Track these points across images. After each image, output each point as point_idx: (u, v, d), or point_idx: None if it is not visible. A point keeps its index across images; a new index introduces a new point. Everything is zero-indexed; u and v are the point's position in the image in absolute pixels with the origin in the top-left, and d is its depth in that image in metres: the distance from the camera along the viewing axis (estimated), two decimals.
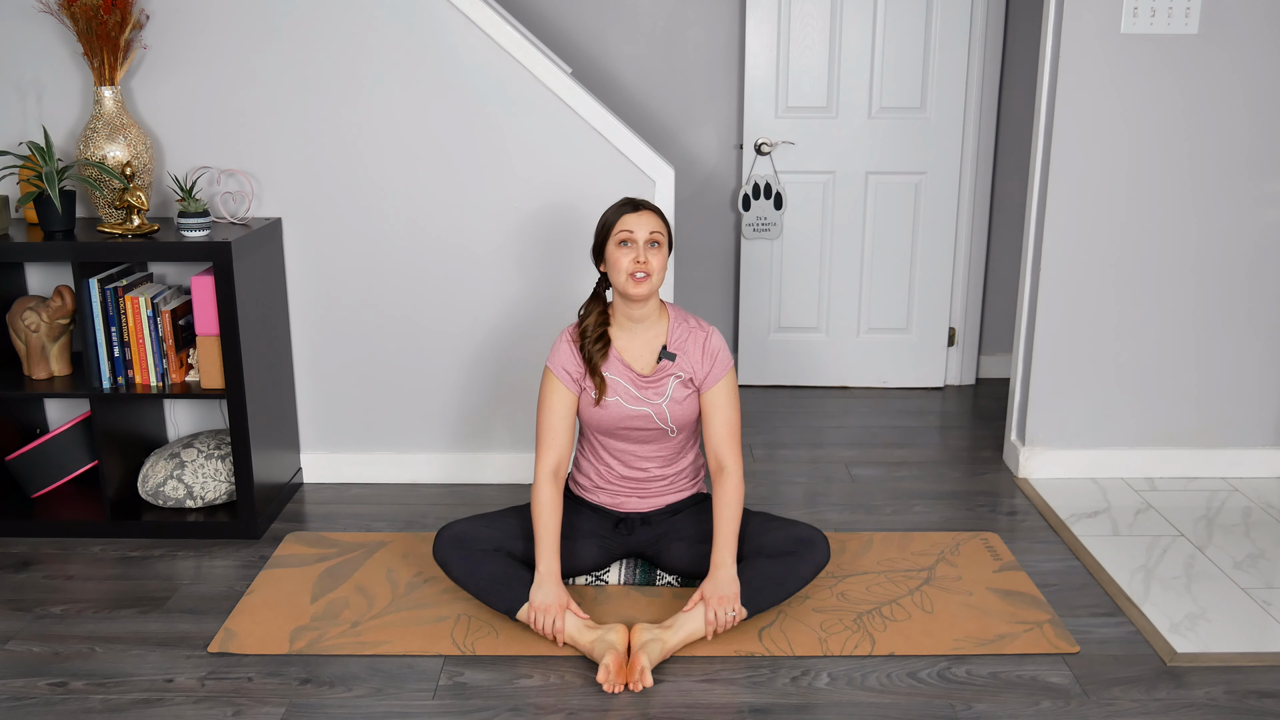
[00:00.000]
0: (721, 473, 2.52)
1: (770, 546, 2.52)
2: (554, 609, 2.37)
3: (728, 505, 2.48)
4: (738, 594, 2.39)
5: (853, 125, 4.05)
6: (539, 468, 2.52)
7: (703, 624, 2.37)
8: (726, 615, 2.36)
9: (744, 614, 2.40)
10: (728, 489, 2.50)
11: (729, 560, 2.43)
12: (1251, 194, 3.19)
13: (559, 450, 2.53)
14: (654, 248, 2.45)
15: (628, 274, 2.44)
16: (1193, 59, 3.09)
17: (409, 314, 3.20)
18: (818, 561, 2.52)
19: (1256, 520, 3.07)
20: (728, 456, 2.53)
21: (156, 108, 3.04)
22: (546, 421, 2.54)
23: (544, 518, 2.46)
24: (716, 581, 2.40)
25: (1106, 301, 3.27)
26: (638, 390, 2.54)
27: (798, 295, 4.22)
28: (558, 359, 2.55)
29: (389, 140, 3.07)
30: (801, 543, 2.52)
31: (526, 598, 2.41)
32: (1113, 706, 2.21)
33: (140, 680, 2.29)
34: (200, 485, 3.01)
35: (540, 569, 2.43)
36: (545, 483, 2.49)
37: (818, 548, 2.53)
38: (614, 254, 2.46)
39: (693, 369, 2.54)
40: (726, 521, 2.46)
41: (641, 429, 2.56)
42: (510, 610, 2.43)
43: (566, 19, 4.03)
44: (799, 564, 2.49)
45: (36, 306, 2.92)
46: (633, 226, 2.44)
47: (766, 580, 2.45)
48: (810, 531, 2.56)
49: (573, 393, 2.54)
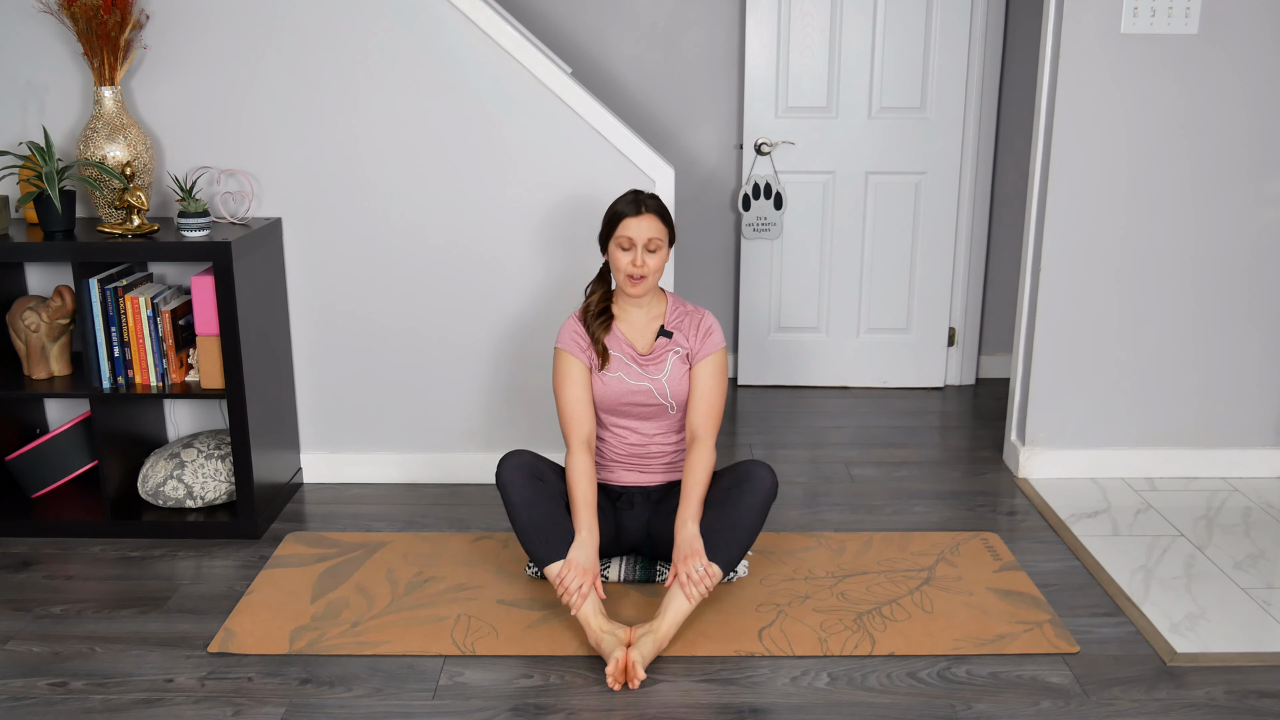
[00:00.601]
0: (695, 442, 2.57)
1: (716, 494, 2.53)
2: (589, 573, 2.39)
3: (693, 469, 2.51)
4: (701, 550, 2.40)
5: (853, 125, 4.05)
6: (571, 441, 2.57)
7: (684, 599, 2.37)
8: (697, 572, 2.37)
9: (717, 570, 2.40)
10: (697, 455, 2.54)
11: (690, 522, 2.45)
12: (1251, 194, 3.19)
13: (586, 423, 2.59)
14: (652, 252, 2.53)
15: (625, 274, 2.55)
16: (1193, 59, 3.08)
17: (409, 314, 3.20)
18: (761, 489, 2.50)
19: (1256, 520, 3.07)
20: (702, 429, 2.58)
21: (156, 108, 3.04)
22: (568, 395, 2.59)
23: (582, 485, 2.50)
24: (679, 544, 2.43)
25: (1106, 301, 3.27)
26: (639, 367, 2.61)
27: (798, 295, 4.22)
28: (565, 335, 2.63)
29: (389, 140, 3.07)
30: (741, 478, 2.53)
31: (564, 555, 2.41)
32: (1113, 706, 2.21)
33: (140, 680, 2.29)
34: (200, 485, 3.01)
35: (581, 534, 2.45)
36: (579, 452, 2.54)
37: (757, 476, 2.52)
38: (614, 253, 2.56)
39: (688, 344, 2.63)
40: (692, 486, 2.50)
41: (643, 404, 2.62)
42: (545, 559, 2.43)
43: (566, 19, 4.03)
44: (742, 497, 2.49)
45: (36, 306, 2.92)
46: (632, 234, 2.52)
47: (719, 526, 2.45)
48: (748, 465, 2.57)
49: (584, 363, 2.60)
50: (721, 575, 2.42)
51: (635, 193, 2.58)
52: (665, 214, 2.57)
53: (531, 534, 2.45)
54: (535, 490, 2.49)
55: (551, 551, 2.43)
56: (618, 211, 2.55)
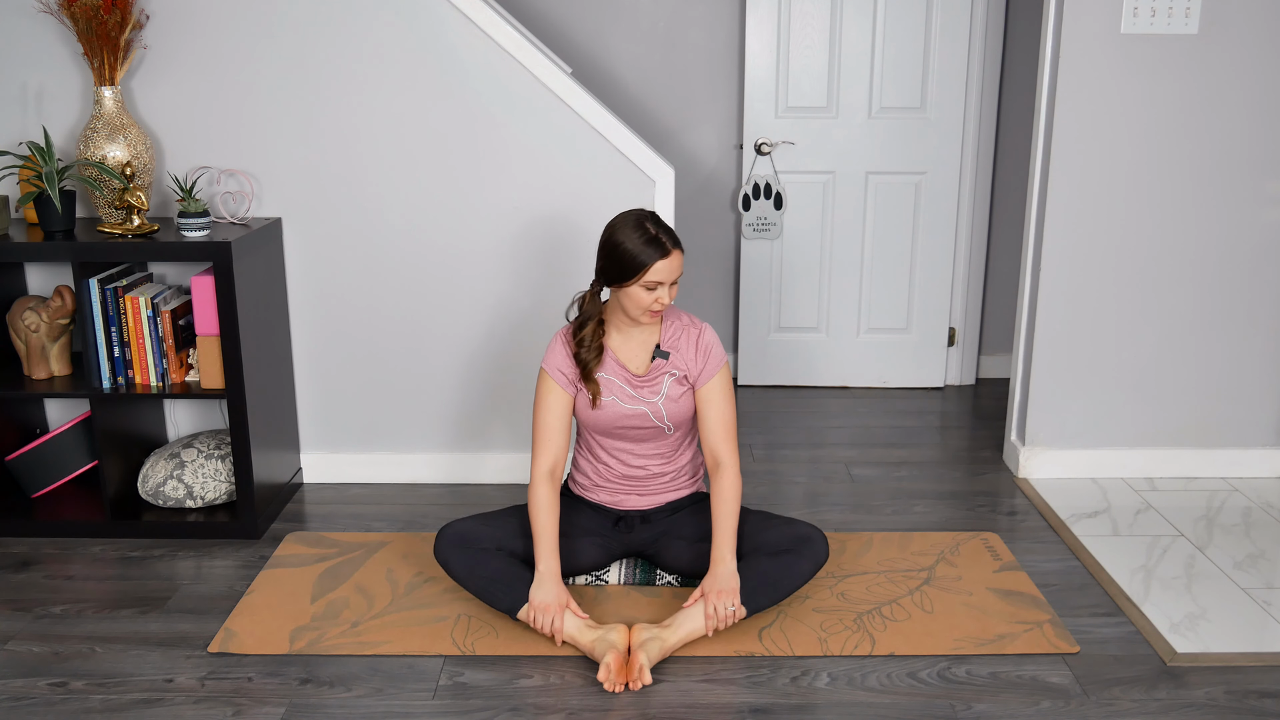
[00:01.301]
0: (718, 468, 2.52)
1: (769, 545, 2.52)
2: (553, 608, 2.37)
3: (725, 500, 2.48)
4: (737, 589, 2.39)
5: (853, 125, 4.05)
6: (535, 468, 2.52)
7: (702, 621, 2.37)
8: (726, 610, 2.36)
9: (743, 611, 2.40)
10: (725, 484, 2.50)
11: (728, 555, 2.43)
12: (1251, 194, 3.19)
13: (555, 451, 2.53)
14: (673, 286, 2.44)
15: (645, 309, 2.44)
16: (1193, 59, 3.09)
17: (409, 314, 3.20)
18: (817, 559, 2.52)
19: (1256, 520, 3.07)
20: (723, 452, 2.53)
21: (156, 108, 3.04)
22: (543, 421, 2.54)
23: (542, 517, 2.47)
24: (716, 576, 2.40)
25: (1106, 301, 3.27)
26: (633, 389, 2.54)
27: (798, 295, 4.22)
28: (553, 361, 2.55)
29: (389, 140, 3.07)
30: (800, 540, 2.52)
31: (527, 597, 2.41)
32: (1113, 706, 2.21)
33: (140, 680, 2.29)
34: (200, 485, 3.01)
35: (540, 568, 2.43)
36: (542, 483, 2.49)
37: (816, 546, 2.53)
38: (636, 292, 2.42)
39: (686, 366, 2.55)
40: (725, 517, 2.46)
41: (638, 428, 2.57)
42: (511, 610, 2.43)
43: (566, 19, 4.03)
44: (798, 562, 2.49)
45: (36, 306, 2.92)
46: (663, 277, 2.39)
47: (765, 578, 2.45)
48: (809, 529, 2.56)
49: (568, 394, 2.55)
50: (745, 618, 2.43)
51: (643, 224, 2.40)
52: (677, 238, 2.46)
53: (488, 594, 2.46)
54: (471, 557, 2.49)
55: (514, 599, 2.42)
56: (642, 253, 2.36)
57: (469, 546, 2.51)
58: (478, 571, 2.47)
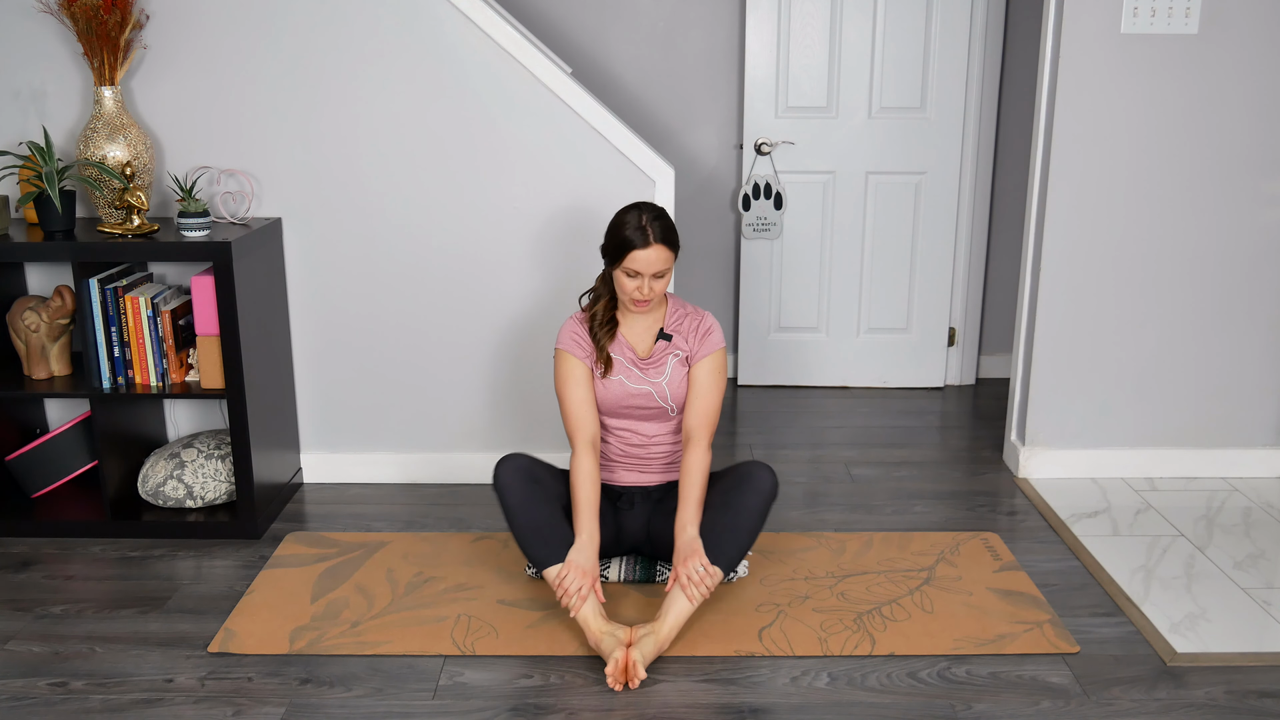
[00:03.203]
0: (690, 443, 2.56)
1: (715, 496, 2.53)
2: (589, 575, 2.38)
3: (690, 471, 2.51)
4: (701, 550, 2.40)
5: (853, 125, 4.05)
6: (576, 442, 2.56)
7: (685, 600, 2.37)
8: (696, 572, 2.36)
9: (717, 571, 2.40)
10: (693, 458, 2.53)
11: (689, 525, 2.45)
12: (1251, 194, 3.19)
13: (591, 423, 2.58)
14: (658, 278, 2.51)
15: (630, 297, 2.53)
16: (1193, 59, 3.08)
17: (409, 314, 3.20)
18: (761, 491, 2.50)
19: (1256, 520, 3.07)
20: (698, 429, 2.57)
21: (156, 108, 3.04)
22: (572, 396, 2.58)
23: (585, 487, 2.49)
24: (679, 548, 2.43)
25: (1106, 301, 3.27)
26: (639, 370, 2.61)
27: (798, 295, 4.22)
28: (566, 337, 2.61)
29: (389, 140, 3.07)
30: (742, 479, 2.53)
31: (563, 557, 2.41)
32: (1113, 706, 2.21)
33: (140, 680, 2.29)
34: (200, 485, 3.01)
35: (581, 537, 2.44)
36: (584, 453, 2.54)
37: (757, 477, 2.52)
38: (620, 276, 2.52)
39: (687, 346, 2.62)
40: (689, 488, 2.49)
41: (643, 407, 2.61)
42: (544, 562, 2.43)
43: (566, 19, 4.03)
44: (743, 498, 2.49)
45: (36, 306, 2.92)
46: (640, 267, 2.48)
47: (720, 527, 2.45)
48: (748, 465, 2.57)
49: (587, 365, 2.60)
50: (722, 576, 2.42)
51: (640, 214, 2.49)
52: (672, 237, 2.50)
53: (529, 537, 2.46)
54: (532, 493, 2.49)
55: (550, 554, 2.43)
56: (626, 239, 2.46)
57: (534, 480, 2.52)
58: (532, 509, 2.47)
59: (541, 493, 2.51)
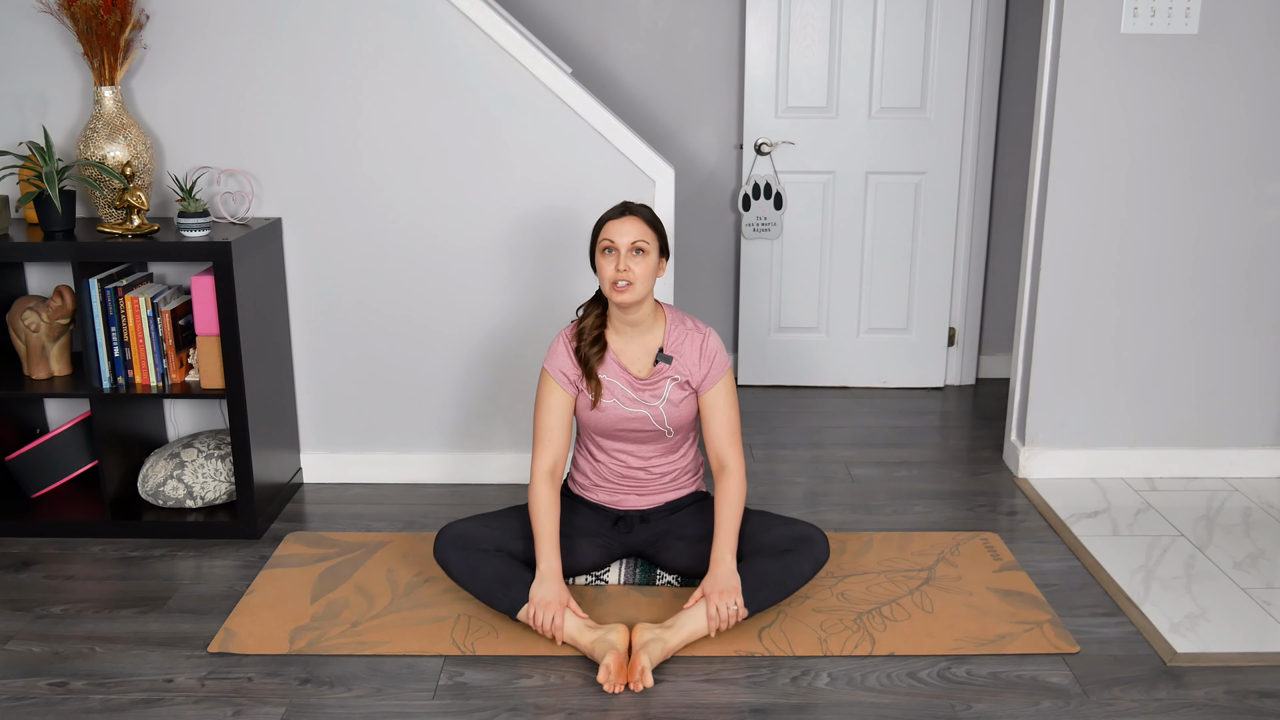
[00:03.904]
0: (723, 471, 2.53)
1: (769, 545, 2.52)
2: (554, 605, 2.36)
3: (729, 502, 2.49)
4: (739, 588, 2.39)
5: (853, 125, 4.05)
6: (535, 467, 2.52)
7: (704, 622, 2.37)
8: (728, 609, 2.36)
9: (745, 611, 2.40)
10: (729, 486, 2.51)
11: (729, 556, 2.43)
12: (1251, 194, 3.19)
13: (555, 451, 2.54)
14: (638, 255, 2.42)
15: (610, 282, 2.43)
16: (1193, 59, 3.09)
17: (409, 314, 3.20)
18: (817, 559, 2.52)
19: (1256, 520, 3.07)
20: (729, 456, 2.54)
21: (156, 108, 3.04)
22: (544, 422, 2.55)
23: (542, 516, 2.47)
24: (717, 577, 2.41)
25: (1106, 301, 3.27)
26: (634, 393, 2.55)
27: (798, 295, 4.22)
28: (555, 361, 2.55)
29: (389, 140, 3.07)
30: (801, 540, 2.52)
31: (527, 597, 2.41)
32: (1113, 706, 2.21)
33: (140, 680, 2.29)
34: (200, 485, 3.01)
35: (541, 567, 2.43)
36: (542, 481, 2.50)
37: (817, 545, 2.53)
38: (599, 261, 2.47)
39: (690, 371, 2.55)
40: (728, 519, 2.47)
41: (639, 430, 2.57)
42: (511, 610, 2.43)
43: (566, 19, 4.03)
44: (798, 562, 2.49)
45: (36, 306, 2.92)
46: (615, 235, 2.42)
47: (766, 578, 2.45)
48: (809, 530, 2.56)
49: (569, 395, 2.55)
50: (747, 618, 2.43)
51: (623, 202, 2.50)
52: (654, 221, 2.47)
53: (487, 595, 2.46)
54: (471, 558, 2.49)
55: (514, 598, 2.42)
56: (602, 217, 2.48)
57: (469, 547, 2.51)
58: (478, 572, 2.48)
59: (480, 553, 2.50)
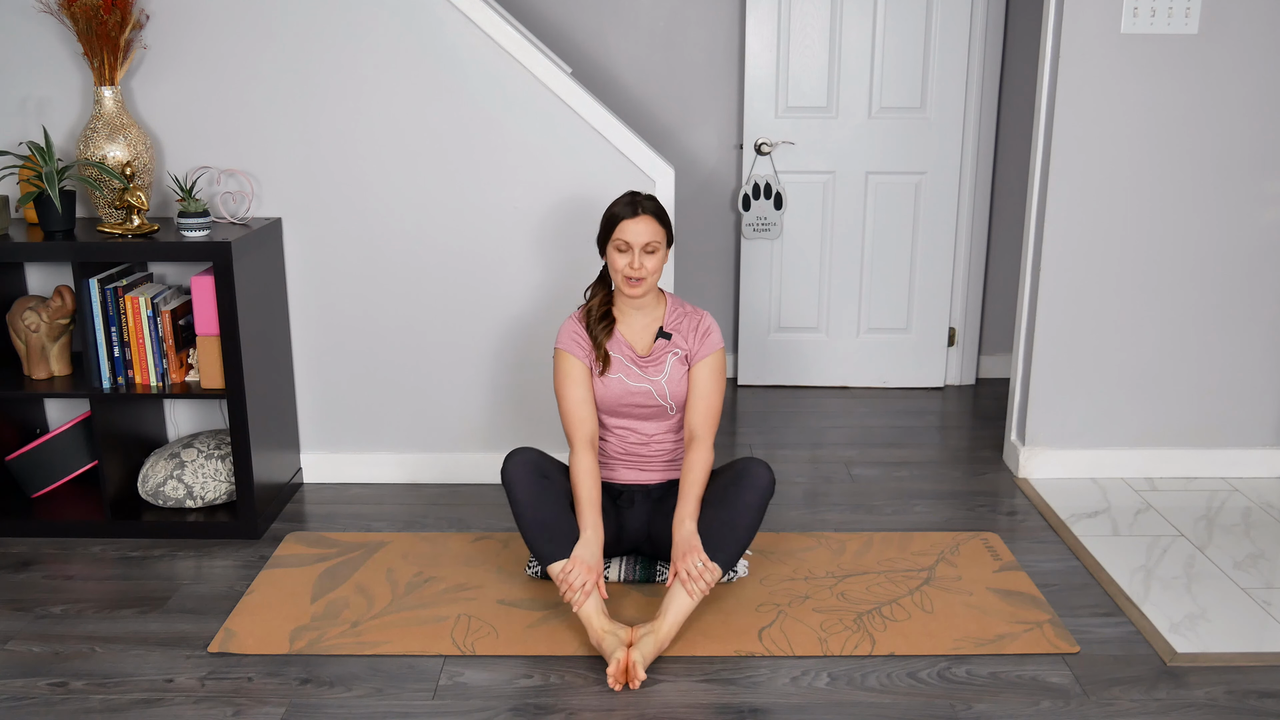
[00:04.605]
0: (694, 441, 2.58)
1: (714, 494, 2.54)
2: (593, 571, 2.39)
3: (691, 469, 2.53)
4: (699, 546, 2.41)
5: (853, 125, 4.05)
6: (574, 441, 2.57)
7: (685, 597, 2.37)
8: (695, 567, 2.37)
9: (716, 567, 2.40)
10: (696, 456, 2.55)
11: (689, 520, 2.46)
12: (1251, 194, 3.19)
13: (589, 422, 2.59)
14: (650, 254, 2.53)
15: (624, 278, 2.55)
16: (1193, 59, 3.08)
17: (409, 314, 3.20)
18: (759, 486, 2.51)
19: (1256, 520, 3.07)
20: (700, 429, 2.60)
21: (156, 108, 3.04)
22: (570, 396, 2.60)
23: (586, 484, 2.51)
24: (677, 542, 2.43)
25: (1106, 301, 3.27)
26: (639, 368, 2.62)
27: (798, 295, 4.22)
28: (565, 336, 2.63)
29: (389, 140, 3.07)
30: (739, 475, 2.53)
31: (568, 554, 2.42)
32: (1113, 706, 2.21)
33: (140, 680, 2.29)
34: (200, 485, 3.01)
35: (586, 533, 2.45)
36: (583, 451, 2.55)
37: (754, 474, 2.52)
38: (612, 255, 2.56)
39: (687, 346, 2.63)
40: (690, 485, 2.51)
41: (643, 405, 2.63)
42: (550, 558, 2.43)
43: (566, 19, 4.03)
44: (740, 493, 2.49)
45: (36, 306, 2.92)
46: (629, 236, 2.52)
47: (718, 524, 2.46)
48: (745, 462, 2.57)
49: (585, 364, 2.61)
50: (721, 573, 2.42)
51: (632, 194, 2.57)
52: (663, 215, 2.57)
53: (536, 532, 2.46)
54: (540, 488, 2.49)
55: (556, 550, 2.43)
56: (614, 214, 2.55)
57: (543, 476, 2.52)
58: (539, 505, 2.47)
59: (550, 488, 2.51)
